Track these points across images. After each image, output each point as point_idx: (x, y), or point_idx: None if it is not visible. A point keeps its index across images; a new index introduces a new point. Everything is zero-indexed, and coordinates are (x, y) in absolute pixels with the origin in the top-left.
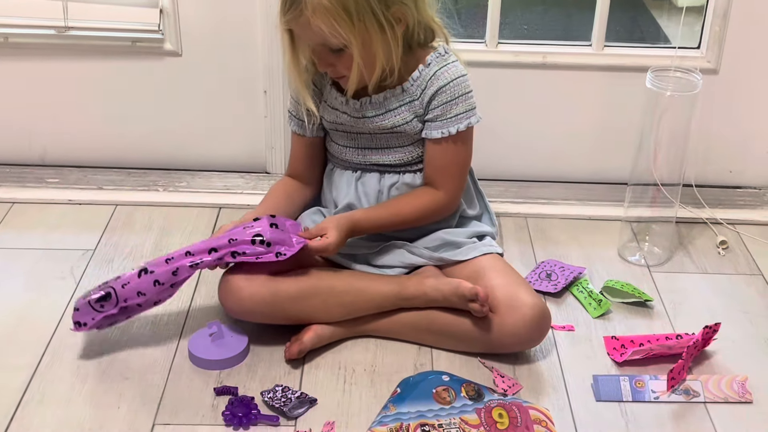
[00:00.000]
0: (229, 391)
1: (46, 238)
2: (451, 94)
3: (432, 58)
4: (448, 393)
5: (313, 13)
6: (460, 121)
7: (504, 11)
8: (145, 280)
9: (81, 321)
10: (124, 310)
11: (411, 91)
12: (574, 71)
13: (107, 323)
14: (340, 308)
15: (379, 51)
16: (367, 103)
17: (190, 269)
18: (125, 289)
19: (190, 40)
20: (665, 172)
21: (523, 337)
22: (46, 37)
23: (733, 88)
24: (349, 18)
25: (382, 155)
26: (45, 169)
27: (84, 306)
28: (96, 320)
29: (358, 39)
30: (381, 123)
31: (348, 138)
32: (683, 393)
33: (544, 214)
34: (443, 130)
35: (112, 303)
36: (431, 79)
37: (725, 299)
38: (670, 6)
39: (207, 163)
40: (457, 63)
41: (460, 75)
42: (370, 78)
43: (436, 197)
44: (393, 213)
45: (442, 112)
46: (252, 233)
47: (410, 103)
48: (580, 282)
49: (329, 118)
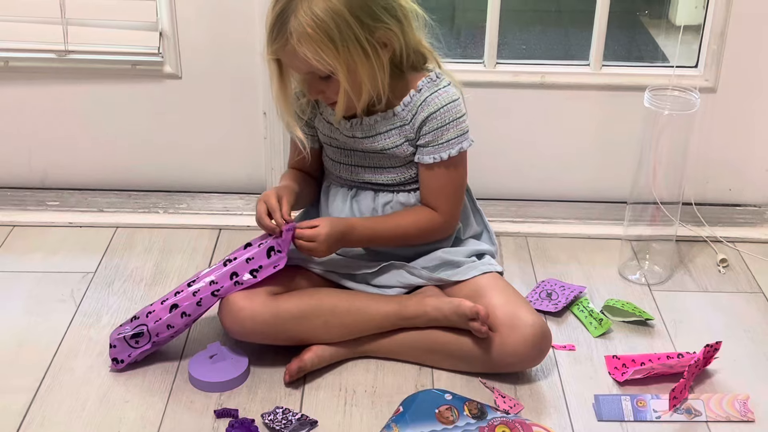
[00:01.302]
0: (229, 414)
1: (47, 260)
2: (442, 120)
3: (423, 83)
4: (451, 412)
5: (299, 42)
6: (451, 146)
7: (502, 31)
8: (175, 314)
9: (118, 358)
10: (155, 344)
11: (402, 116)
12: (572, 90)
13: (142, 357)
14: (340, 328)
15: (364, 76)
16: (357, 124)
17: (213, 298)
18: (157, 325)
19: (190, 62)
20: (664, 191)
21: (523, 356)
22: (46, 61)
23: (731, 106)
24: (334, 45)
25: (374, 174)
26: (45, 192)
27: (119, 342)
28: (132, 356)
29: (343, 65)
30: (371, 145)
31: (342, 154)
32: (685, 412)
33: (544, 234)
34: (435, 156)
35: (146, 339)
36: (422, 104)
37: (726, 317)
38: (667, 25)
39: (207, 185)
40: (449, 88)
41: (451, 100)
42: (357, 103)
43: (433, 216)
44: (390, 226)
45: (434, 138)
46: (265, 247)
47: (401, 128)
48: (580, 301)
49: (324, 132)
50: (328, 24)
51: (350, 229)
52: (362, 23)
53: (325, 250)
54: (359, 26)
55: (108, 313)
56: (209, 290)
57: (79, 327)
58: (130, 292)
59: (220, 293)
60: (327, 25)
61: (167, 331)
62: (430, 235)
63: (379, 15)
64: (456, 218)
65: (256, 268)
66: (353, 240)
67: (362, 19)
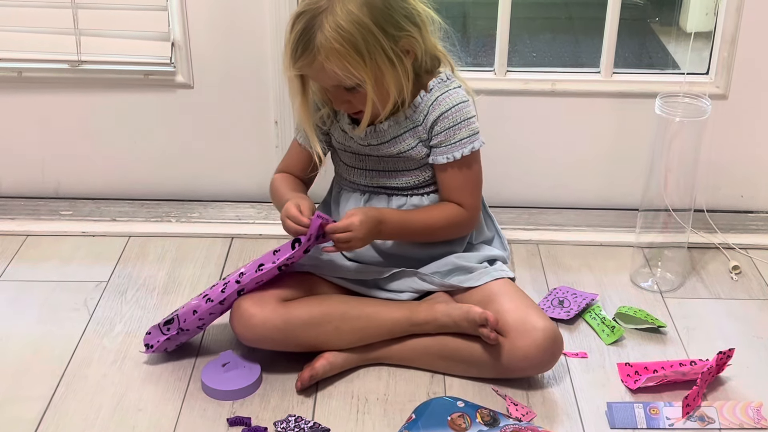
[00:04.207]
0: (242, 422)
1: (60, 270)
2: (453, 120)
3: (434, 83)
4: (464, 420)
5: (327, 58)
6: (464, 146)
7: (512, 39)
8: (200, 299)
9: (149, 343)
10: (182, 332)
11: (413, 117)
12: (583, 98)
13: (172, 345)
14: (351, 334)
15: (391, 85)
16: (371, 132)
17: (236, 285)
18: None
19: (202, 72)
20: (676, 198)
21: (535, 360)
22: (59, 71)
23: (742, 113)
24: (361, 58)
25: (389, 179)
26: (58, 202)
27: (154, 329)
28: (160, 342)
29: (371, 76)
30: (387, 150)
31: (356, 159)
32: (698, 420)
33: (556, 241)
34: (448, 156)
35: (175, 325)
36: (433, 104)
37: (739, 324)
38: (678, 31)
39: (219, 194)
40: (460, 89)
41: (461, 101)
42: (383, 110)
43: (460, 211)
44: (421, 218)
45: (446, 137)
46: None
47: (413, 129)
48: (592, 308)
49: (339, 139)
50: (355, 37)
51: (383, 217)
52: (386, 33)
53: (362, 237)
54: (384, 37)
55: (121, 322)
56: (234, 278)
57: (93, 336)
58: (143, 300)
59: (243, 278)
60: (354, 38)
61: (192, 317)
62: (458, 228)
63: (401, 24)
64: (478, 211)
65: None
66: (386, 230)
67: (386, 30)
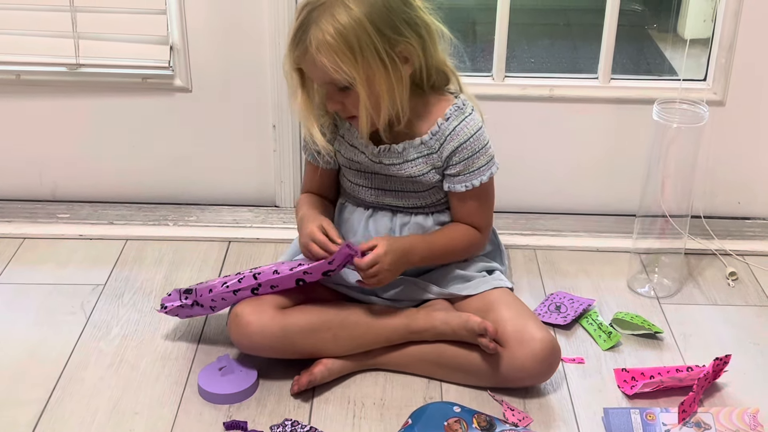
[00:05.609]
0: (238, 426)
1: (57, 273)
2: (472, 150)
3: (451, 111)
4: (460, 425)
5: (317, 50)
6: (482, 173)
7: (511, 45)
8: (218, 282)
9: (165, 303)
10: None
11: (430, 144)
12: (580, 104)
13: (183, 314)
14: (349, 341)
15: (383, 89)
16: (385, 151)
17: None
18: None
19: (200, 76)
20: (673, 204)
21: (532, 371)
22: (57, 74)
23: (739, 119)
24: (352, 54)
25: (395, 198)
26: (56, 205)
27: (175, 291)
28: (174, 306)
29: (361, 75)
30: (397, 172)
31: (363, 177)
32: (694, 425)
33: (553, 246)
34: (467, 184)
35: (192, 296)
36: (450, 134)
37: (735, 331)
38: (675, 38)
39: (217, 198)
40: (474, 115)
41: (477, 128)
42: (377, 117)
43: (475, 232)
44: (443, 242)
45: (465, 167)
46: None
47: (428, 156)
48: (589, 314)
49: (346, 155)
50: (348, 33)
51: (410, 246)
52: (382, 34)
53: (392, 272)
54: (379, 37)
55: (118, 325)
56: (250, 273)
57: (89, 339)
58: (140, 304)
59: (260, 278)
60: (347, 33)
61: (207, 294)
62: (474, 249)
63: (400, 28)
64: (490, 229)
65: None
66: (414, 258)
67: (383, 30)
